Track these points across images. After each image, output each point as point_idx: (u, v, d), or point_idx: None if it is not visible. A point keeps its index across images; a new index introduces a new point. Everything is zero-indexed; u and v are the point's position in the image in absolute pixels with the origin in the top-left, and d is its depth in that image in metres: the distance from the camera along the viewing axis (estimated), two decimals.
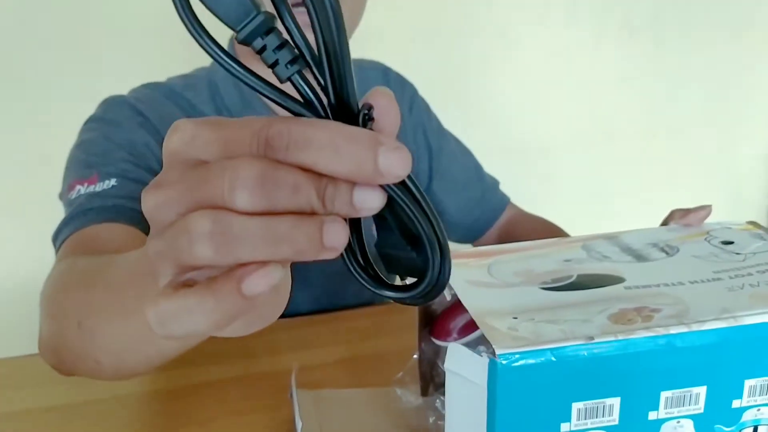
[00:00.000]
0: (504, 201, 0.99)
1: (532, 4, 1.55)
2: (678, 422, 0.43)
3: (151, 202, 0.26)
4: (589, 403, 0.41)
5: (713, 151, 1.85)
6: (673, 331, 0.41)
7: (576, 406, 0.41)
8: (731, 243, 0.54)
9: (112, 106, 0.73)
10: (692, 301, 0.44)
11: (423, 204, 0.26)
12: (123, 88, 0.77)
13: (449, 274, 0.28)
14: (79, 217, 0.61)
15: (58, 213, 0.66)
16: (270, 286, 0.24)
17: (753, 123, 1.87)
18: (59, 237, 0.63)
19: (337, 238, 0.24)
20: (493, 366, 0.40)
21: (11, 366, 0.67)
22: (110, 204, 0.62)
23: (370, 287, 0.29)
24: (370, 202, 0.24)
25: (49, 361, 0.52)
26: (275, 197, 0.23)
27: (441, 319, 0.54)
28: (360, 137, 0.24)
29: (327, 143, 0.23)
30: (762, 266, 0.49)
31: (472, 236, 0.98)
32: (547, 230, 0.92)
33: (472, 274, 0.52)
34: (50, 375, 0.52)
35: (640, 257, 0.53)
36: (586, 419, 0.42)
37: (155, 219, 0.26)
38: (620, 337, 0.40)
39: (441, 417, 0.50)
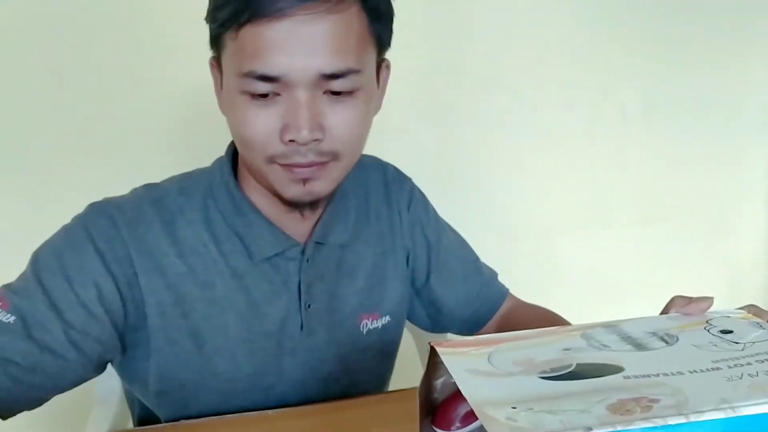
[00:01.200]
0: (503, 292, 0.99)
1: (528, 91, 1.61)
2: None
3: None
4: None
5: (710, 234, 1.88)
6: (672, 422, 0.41)
7: None
8: (730, 332, 0.55)
9: (92, 214, 0.74)
10: (691, 392, 0.44)
11: None
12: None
13: None
14: None
15: None
16: None
17: (749, 205, 1.91)
18: None
19: None
20: None
21: None
22: None
23: None
24: None
25: None
26: None
27: (443, 408, 0.54)
28: None
29: None
30: (761, 356, 0.49)
31: (472, 328, 0.98)
32: (546, 319, 0.92)
33: (471, 363, 0.53)
34: None
35: (639, 346, 0.54)
36: None
37: None
38: (619, 428, 0.40)
39: None
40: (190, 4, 0.79)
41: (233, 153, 0.80)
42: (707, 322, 0.58)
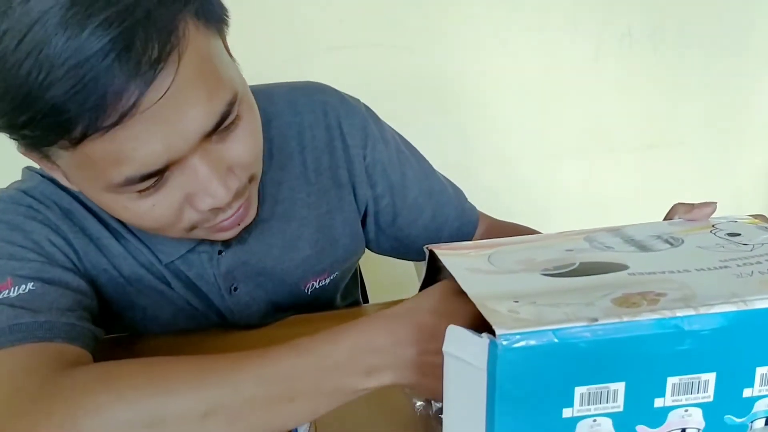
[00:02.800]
0: (474, 219, 0.90)
1: (532, 13, 1.54)
2: (686, 411, 0.41)
3: None
4: (593, 387, 0.40)
5: (714, 161, 1.84)
6: (680, 314, 0.39)
7: (579, 390, 0.40)
8: (738, 235, 0.53)
9: (7, 203, 0.65)
10: (699, 287, 0.43)
11: None
12: None
13: None
14: (7, 333, 0.54)
15: None
16: None
17: (753, 133, 1.87)
18: None
19: None
20: (493, 347, 0.38)
21: None
22: (41, 320, 0.56)
23: None
24: None
25: None
26: None
27: None
28: None
29: None
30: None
31: None
32: (524, 233, 0.85)
33: (471, 263, 0.51)
34: None
35: (644, 248, 0.52)
36: (589, 405, 0.40)
37: None
38: (625, 320, 0.39)
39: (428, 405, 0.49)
40: None
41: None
42: (713, 226, 0.56)
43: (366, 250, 0.88)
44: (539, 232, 0.86)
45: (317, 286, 0.81)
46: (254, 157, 0.60)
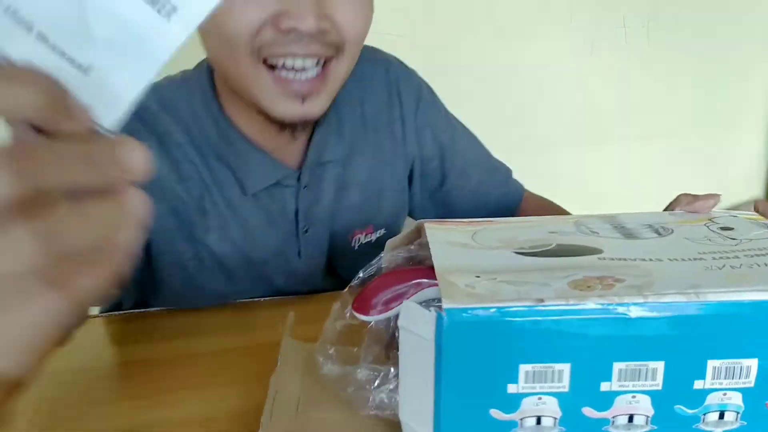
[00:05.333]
0: (518, 193, 0.93)
1: (530, 4, 1.55)
2: (633, 397, 0.41)
3: None
4: (538, 366, 0.41)
5: (708, 152, 1.85)
6: (628, 300, 0.39)
7: (524, 368, 0.41)
8: (730, 229, 0.52)
9: None
10: (662, 276, 0.42)
11: None
12: None
13: None
14: None
15: None
16: None
17: (748, 124, 1.87)
18: None
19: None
20: (439, 320, 0.40)
21: None
22: None
23: None
24: None
25: None
26: None
27: (364, 293, 0.49)
28: None
29: None
30: (753, 251, 0.46)
31: None
32: (552, 211, 0.88)
33: (454, 237, 0.52)
34: None
35: (629, 235, 0.52)
36: (534, 383, 0.41)
37: None
38: (571, 302, 0.40)
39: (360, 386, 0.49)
40: None
41: (210, 75, 0.71)
42: (710, 219, 0.55)
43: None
44: (565, 211, 0.87)
45: (363, 241, 0.82)
46: (356, 24, 0.60)
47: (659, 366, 0.41)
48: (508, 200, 0.91)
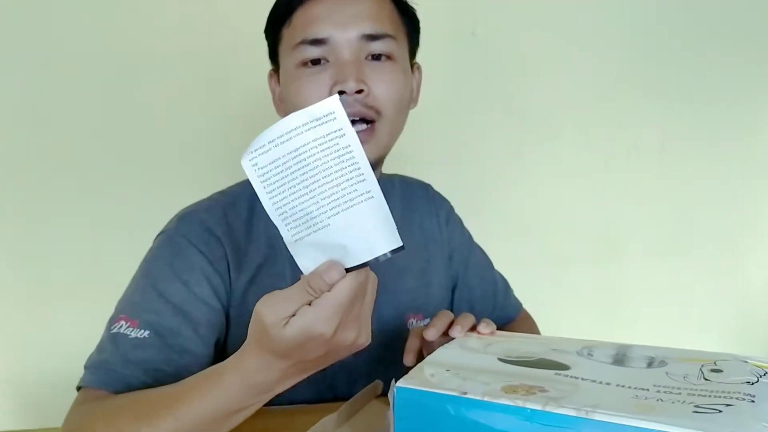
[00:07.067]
0: (513, 310, 1.06)
1: (545, 126, 1.69)
2: None
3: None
4: None
5: (720, 271, 1.88)
6: (529, 406, 0.47)
7: None
8: (719, 372, 0.53)
9: (184, 223, 0.81)
10: (582, 394, 0.49)
11: None
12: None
13: None
14: (102, 373, 0.71)
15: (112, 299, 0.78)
16: None
17: (761, 242, 1.91)
18: (87, 373, 0.72)
19: None
20: (396, 392, 0.53)
21: None
22: (126, 373, 0.70)
23: None
24: None
25: None
26: None
27: None
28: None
29: None
30: (702, 391, 0.48)
31: None
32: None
33: (470, 342, 0.64)
34: None
35: (618, 362, 0.56)
36: None
37: None
38: (485, 399, 0.49)
39: None
40: None
41: None
42: (715, 362, 0.56)
43: None
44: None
45: (416, 326, 0.90)
46: (387, 93, 0.78)
47: None
48: (502, 317, 1.03)
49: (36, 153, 1.42)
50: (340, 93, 0.74)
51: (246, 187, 0.85)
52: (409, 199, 1.00)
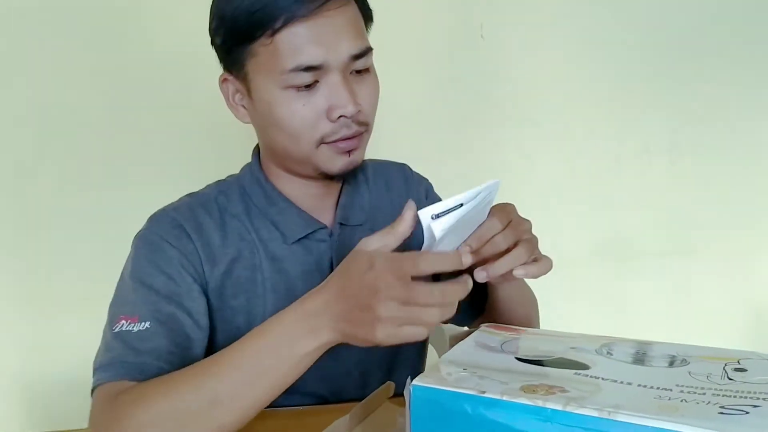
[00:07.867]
0: None
1: (553, 126, 1.69)
2: None
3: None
4: None
5: (732, 272, 1.87)
6: (550, 406, 0.46)
7: None
8: (743, 371, 0.52)
9: (155, 222, 0.84)
10: (604, 395, 0.48)
11: None
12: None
13: None
14: (116, 367, 0.71)
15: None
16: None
17: None
18: (99, 372, 0.72)
19: None
20: (412, 391, 0.52)
21: None
22: (140, 361, 0.71)
23: None
24: None
25: None
26: None
27: None
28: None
29: None
30: (727, 391, 0.47)
31: (475, 314, 0.98)
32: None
33: (490, 340, 0.63)
34: None
35: (641, 361, 0.55)
36: None
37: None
38: (504, 398, 0.48)
39: None
40: None
41: (257, 156, 0.90)
42: (738, 360, 0.55)
43: None
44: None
45: None
46: (372, 106, 0.80)
47: None
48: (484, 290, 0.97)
49: (40, 157, 1.43)
50: (340, 117, 0.76)
51: (214, 188, 0.90)
52: (386, 180, 1.00)
